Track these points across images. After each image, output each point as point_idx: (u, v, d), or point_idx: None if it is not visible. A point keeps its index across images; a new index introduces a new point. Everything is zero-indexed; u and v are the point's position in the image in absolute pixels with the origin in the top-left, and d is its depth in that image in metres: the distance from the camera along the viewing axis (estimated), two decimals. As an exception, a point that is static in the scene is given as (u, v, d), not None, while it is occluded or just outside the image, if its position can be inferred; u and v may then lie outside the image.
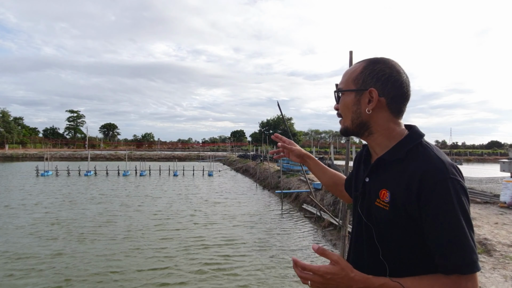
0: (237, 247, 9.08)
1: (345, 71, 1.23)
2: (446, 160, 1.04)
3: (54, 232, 10.27)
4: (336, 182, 1.61)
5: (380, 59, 1.17)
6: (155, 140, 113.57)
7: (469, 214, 1.01)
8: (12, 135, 76.31)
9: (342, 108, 1.21)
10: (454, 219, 0.97)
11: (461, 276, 0.97)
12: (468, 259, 0.96)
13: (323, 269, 1.02)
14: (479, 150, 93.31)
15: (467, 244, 0.96)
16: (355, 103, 1.16)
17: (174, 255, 8.35)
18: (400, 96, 1.14)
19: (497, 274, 4.91)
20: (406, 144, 1.11)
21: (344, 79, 1.21)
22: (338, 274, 1.02)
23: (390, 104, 1.13)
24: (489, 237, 6.55)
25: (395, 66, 1.15)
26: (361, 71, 1.16)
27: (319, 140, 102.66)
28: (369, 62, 1.17)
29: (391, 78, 1.13)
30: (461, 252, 0.96)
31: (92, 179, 26.38)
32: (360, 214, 1.18)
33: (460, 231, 0.97)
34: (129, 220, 12.02)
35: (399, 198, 1.04)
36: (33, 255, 8.18)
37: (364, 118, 1.16)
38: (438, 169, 1.01)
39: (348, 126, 1.20)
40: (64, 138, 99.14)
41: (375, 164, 1.16)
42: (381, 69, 1.14)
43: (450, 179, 0.99)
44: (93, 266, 7.45)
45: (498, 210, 9.43)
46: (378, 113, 1.14)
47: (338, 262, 1.03)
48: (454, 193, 0.98)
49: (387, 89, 1.12)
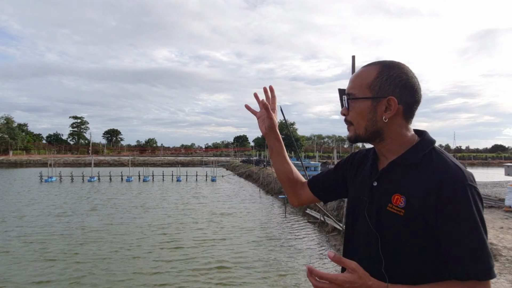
0: (242, 257, 9.05)
1: (355, 75, 1.16)
2: (463, 168, 1.03)
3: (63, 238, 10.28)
4: (292, 178, 1.47)
5: (394, 64, 1.12)
6: (158, 145, 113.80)
7: (485, 221, 1.00)
8: (16, 141, 76.68)
9: (355, 116, 1.13)
10: (473, 226, 0.97)
11: (477, 282, 0.96)
12: (486, 266, 0.96)
13: (341, 277, 0.99)
14: (483, 154, 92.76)
15: (485, 251, 0.96)
16: (371, 110, 1.10)
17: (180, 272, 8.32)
18: (415, 102, 1.12)
19: (503, 280, 4.85)
20: (421, 149, 1.09)
21: (355, 84, 1.13)
22: (356, 282, 0.98)
23: (405, 110, 1.11)
24: (495, 241, 6.49)
25: (409, 71, 1.12)
26: (377, 77, 1.10)
27: (322, 145, 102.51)
28: (383, 66, 1.11)
29: (407, 84, 1.09)
30: (479, 258, 0.96)
31: (96, 185, 26.45)
32: (367, 220, 1.13)
33: (479, 237, 0.96)
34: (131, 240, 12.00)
35: (416, 203, 1.03)
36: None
37: (379, 126, 1.11)
38: (457, 176, 1.00)
39: (361, 134, 1.14)
40: (68, 144, 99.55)
41: (387, 168, 1.13)
42: (398, 75, 1.09)
43: (469, 186, 0.99)
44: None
45: (503, 214, 9.36)
46: (394, 120, 1.10)
47: (356, 270, 1.00)
48: (472, 200, 0.98)
49: (405, 96, 1.09)
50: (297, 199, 1.49)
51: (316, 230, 11.59)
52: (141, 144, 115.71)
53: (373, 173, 1.18)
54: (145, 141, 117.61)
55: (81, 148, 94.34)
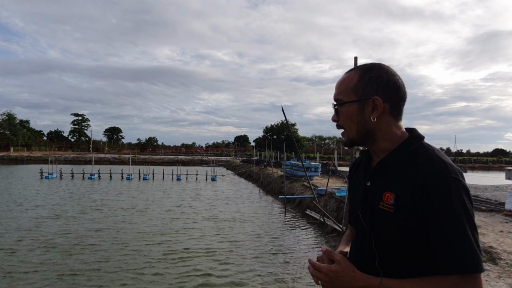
0: (240, 256, 9.05)
1: (338, 82, 1.21)
2: (448, 161, 1.05)
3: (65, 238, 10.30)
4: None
5: (372, 65, 1.17)
6: (159, 144, 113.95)
7: (472, 214, 1.01)
8: (17, 138, 76.76)
9: (345, 120, 1.18)
10: (455, 219, 0.98)
11: (461, 276, 0.96)
12: (469, 259, 0.96)
13: (327, 267, 1.09)
14: (484, 158, 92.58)
15: (468, 244, 0.96)
16: (358, 113, 1.15)
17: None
18: (400, 98, 1.16)
19: (502, 283, 4.85)
20: (408, 146, 1.12)
21: (340, 90, 1.19)
22: (340, 272, 1.07)
23: (392, 108, 1.15)
24: (494, 245, 6.48)
25: (389, 69, 1.16)
26: (359, 80, 1.15)
27: (323, 146, 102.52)
28: (363, 69, 1.16)
29: (389, 82, 1.14)
30: (461, 252, 0.96)
31: (96, 182, 26.47)
32: (360, 219, 1.18)
33: (463, 231, 0.97)
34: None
35: (404, 199, 1.06)
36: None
37: (369, 127, 1.15)
38: (441, 170, 1.02)
39: (354, 137, 1.19)
40: (69, 141, 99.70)
41: (377, 167, 1.16)
42: (378, 75, 1.14)
43: (453, 179, 1.01)
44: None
45: (503, 218, 9.36)
46: (382, 119, 1.14)
47: (340, 262, 1.09)
48: (455, 193, 1.00)
49: (389, 94, 1.13)
50: None
51: (315, 231, 11.59)
52: (141, 142, 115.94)
53: (366, 173, 1.22)
54: (146, 140, 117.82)
55: (82, 146, 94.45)
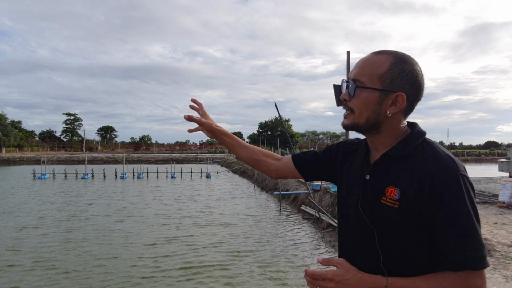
0: (235, 253, 9.04)
1: (365, 61, 1.09)
2: (455, 157, 1.04)
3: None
4: (258, 158, 1.47)
5: (407, 57, 1.08)
6: (152, 142, 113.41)
7: (478, 210, 1.01)
8: (9, 139, 75.87)
9: (359, 104, 1.08)
10: (466, 216, 0.97)
11: (471, 272, 0.97)
12: (479, 255, 0.96)
13: (331, 272, 1.03)
14: (476, 150, 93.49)
15: (478, 240, 0.97)
16: (377, 102, 1.06)
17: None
18: (418, 100, 1.11)
19: (498, 275, 4.88)
20: (413, 140, 1.08)
21: (364, 71, 1.07)
22: (345, 275, 1.02)
23: (408, 107, 1.09)
24: (489, 237, 6.53)
25: (420, 68, 1.09)
26: (389, 69, 1.05)
27: (317, 141, 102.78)
28: (397, 58, 1.06)
29: (417, 82, 1.07)
30: (472, 248, 0.96)
31: (89, 182, 26.27)
32: (361, 214, 1.11)
33: (472, 227, 0.97)
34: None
35: (411, 195, 1.02)
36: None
37: (380, 119, 1.08)
38: (450, 167, 1.00)
39: (360, 124, 1.10)
40: (61, 141, 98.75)
41: (379, 161, 1.11)
42: (410, 71, 1.05)
43: (462, 176, 0.99)
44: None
45: (497, 210, 9.44)
46: (395, 116, 1.08)
47: (342, 264, 1.05)
48: (465, 190, 0.98)
49: (412, 94, 1.07)
50: (276, 173, 1.47)
51: (311, 227, 11.61)
52: (135, 141, 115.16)
53: (364, 166, 1.16)
54: (139, 138, 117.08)
55: (74, 145, 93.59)
